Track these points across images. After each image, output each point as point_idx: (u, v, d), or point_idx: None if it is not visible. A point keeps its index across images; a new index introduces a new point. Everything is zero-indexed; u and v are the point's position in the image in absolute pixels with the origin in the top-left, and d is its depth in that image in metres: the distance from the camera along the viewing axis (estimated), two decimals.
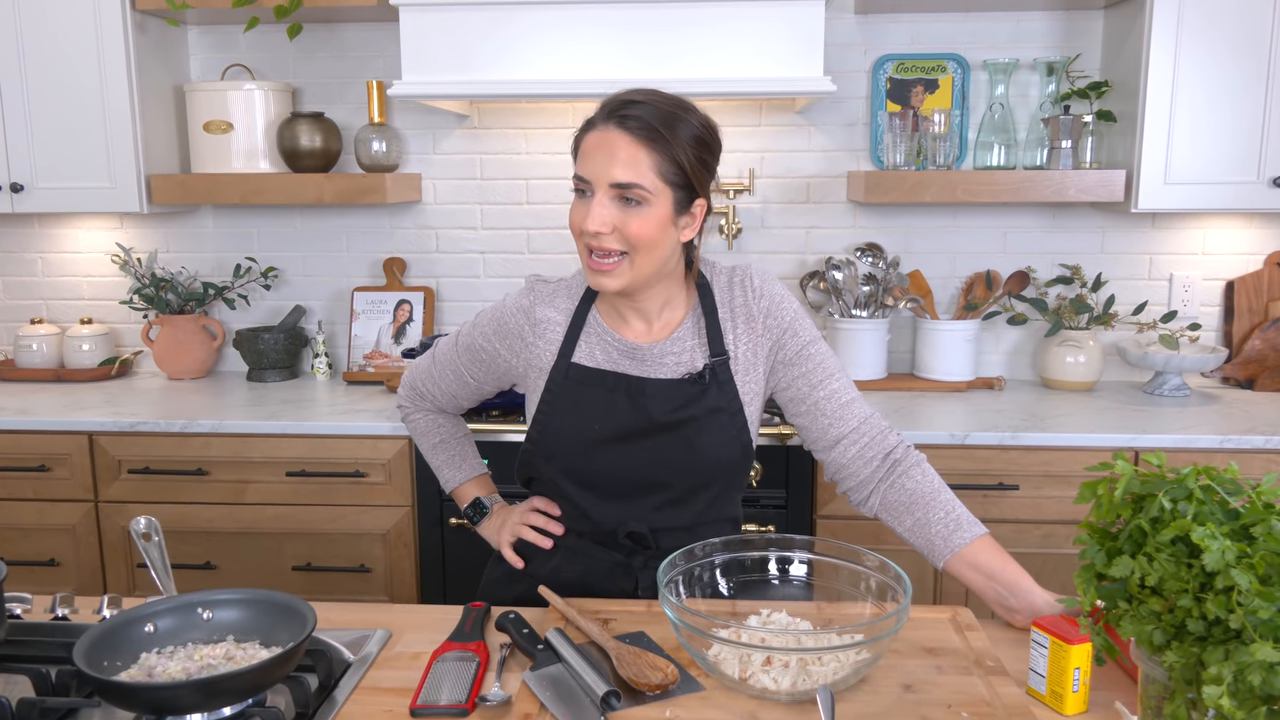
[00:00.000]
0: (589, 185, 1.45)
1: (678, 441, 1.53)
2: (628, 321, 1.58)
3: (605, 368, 1.56)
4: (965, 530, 1.47)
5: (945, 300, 3.06)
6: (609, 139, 1.44)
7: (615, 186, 1.43)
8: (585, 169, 1.45)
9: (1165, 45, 2.58)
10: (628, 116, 1.44)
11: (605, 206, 1.44)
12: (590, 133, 1.47)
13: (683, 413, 1.53)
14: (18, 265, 3.25)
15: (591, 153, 1.45)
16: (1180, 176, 2.63)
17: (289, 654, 1.19)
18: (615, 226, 1.44)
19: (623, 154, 1.42)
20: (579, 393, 1.56)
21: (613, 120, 1.44)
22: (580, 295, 1.60)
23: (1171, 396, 2.82)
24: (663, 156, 1.43)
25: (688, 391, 1.54)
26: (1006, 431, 2.47)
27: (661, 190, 1.45)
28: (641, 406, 1.53)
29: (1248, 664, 0.90)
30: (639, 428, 1.53)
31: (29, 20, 2.75)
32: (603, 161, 1.43)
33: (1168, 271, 3.00)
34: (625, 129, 1.43)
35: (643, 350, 1.56)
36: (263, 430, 2.60)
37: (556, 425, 1.56)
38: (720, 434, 1.54)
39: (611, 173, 1.43)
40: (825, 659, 1.24)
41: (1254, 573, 0.92)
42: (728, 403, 1.55)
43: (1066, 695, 1.22)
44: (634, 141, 1.43)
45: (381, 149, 2.95)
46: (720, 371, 1.55)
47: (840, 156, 3.03)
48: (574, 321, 1.58)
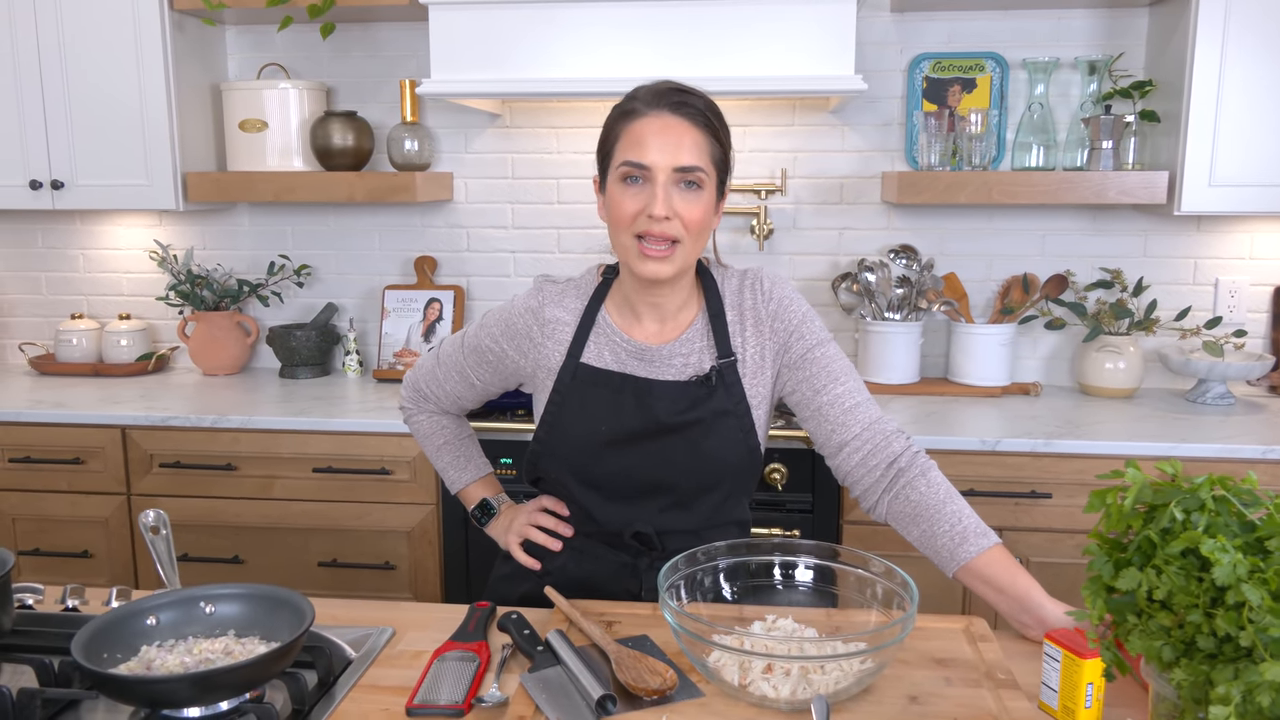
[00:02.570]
0: (647, 171, 1.44)
1: (684, 444, 1.51)
2: (640, 322, 1.56)
3: (613, 369, 1.55)
4: (972, 543, 1.43)
5: (981, 304, 3.00)
6: (670, 125, 1.44)
7: (679, 171, 1.44)
8: (644, 155, 1.44)
9: (1211, 43, 2.50)
10: (683, 104, 1.46)
11: (668, 192, 1.44)
12: (641, 119, 1.46)
13: (690, 415, 1.51)
14: (60, 261, 3.31)
15: (651, 139, 1.44)
16: (1225, 178, 2.55)
17: (284, 649, 1.18)
18: (676, 212, 1.44)
19: (686, 139, 1.44)
20: (587, 393, 1.54)
21: (667, 107, 1.46)
22: (590, 295, 1.59)
23: (1215, 405, 2.74)
24: (712, 139, 1.48)
25: (695, 393, 1.52)
26: (1040, 438, 2.41)
27: (712, 175, 1.48)
28: (648, 408, 1.51)
29: (1257, 684, 0.85)
30: (646, 429, 1.51)
31: (70, 21, 2.80)
32: (666, 147, 1.44)
33: (1213, 276, 2.92)
34: (683, 115, 1.45)
35: (651, 351, 1.54)
36: (291, 426, 2.62)
37: (564, 426, 1.55)
38: (727, 436, 1.52)
39: (678, 157, 1.43)
40: (828, 668, 1.21)
41: (1267, 588, 0.88)
42: (735, 405, 1.52)
43: (1078, 711, 1.18)
44: (693, 127, 1.46)
45: (414, 148, 2.96)
46: (728, 374, 1.53)
47: (874, 157, 2.98)
48: (583, 322, 1.57)
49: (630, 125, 1.46)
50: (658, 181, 1.44)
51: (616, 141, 1.48)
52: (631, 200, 1.46)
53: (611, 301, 1.59)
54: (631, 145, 1.45)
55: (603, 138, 1.51)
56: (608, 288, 1.60)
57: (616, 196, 1.47)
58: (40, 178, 2.89)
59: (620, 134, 1.47)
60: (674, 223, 1.44)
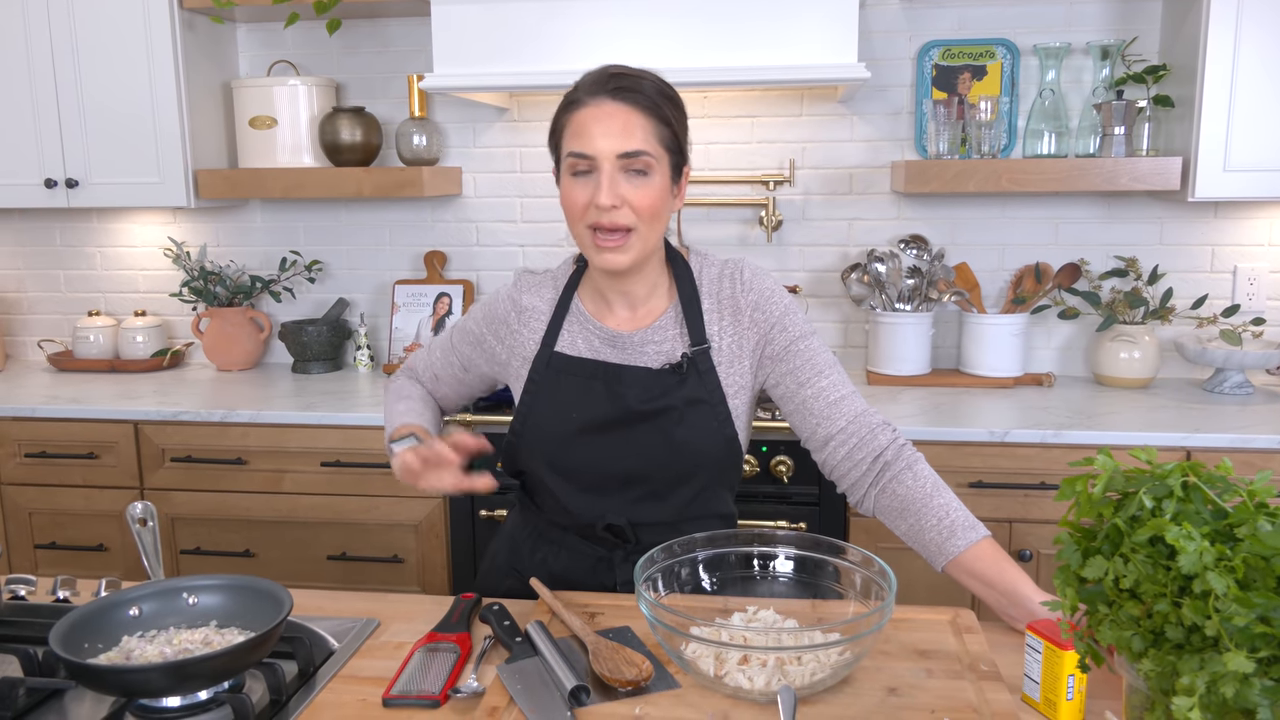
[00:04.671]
0: (591, 161, 1.43)
1: (656, 432, 1.50)
2: (612, 309, 1.56)
3: (586, 356, 1.55)
4: (960, 536, 1.40)
5: (993, 294, 2.96)
6: (611, 112, 1.43)
7: (623, 158, 1.42)
8: (586, 145, 1.43)
9: (1225, 26, 2.45)
10: (624, 89, 1.44)
11: (614, 180, 1.42)
12: (583, 109, 1.44)
13: (660, 402, 1.50)
14: (78, 259, 3.35)
15: (590, 126, 1.43)
16: (1240, 163, 2.50)
17: (259, 640, 1.19)
18: (624, 200, 1.43)
19: (626, 124, 1.42)
20: (559, 382, 1.54)
21: (608, 94, 1.44)
22: (564, 284, 1.59)
23: (1233, 395, 2.68)
24: (659, 121, 1.45)
25: (666, 381, 1.51)
26: (1050, 429, 2.38)
27: (661, 157, 1.45)
28: (619, 395, 1.51)
29: (1221, 674, 0.83)
30: (617, 417, 1.51)
31: (82, 21, 2.83)
32: (607, 134, 1.42)
33: (1231, 264, 2.86)
34: (624, 100, 1.43)
35: (624, 338, 1.53)
36: (299, 421, 2.64)
37: (537, 415, 1.55)
38: (700, 426, 1.50)
39: (622, 144, 1.42)
40: (804, 659, 1.19)
41: (1233, 576, 0.85)
42: (709, 394, 1.51)
43: (1060, 703, 1.16)
44: (633, 110, 1.43)
45: (422, 143, 2.96)
46: (701, 361, 1.51)
47: (884, 146, 2.95)
48: (557, 310, 1.57)
49: (573, 115, 1.45)
50: (603, 170, 1.42)
51: (562, 133, 1.47)
52: (580, 191, 1.45)
53: (584, 290, 1.59)
54: (574, 135, 1.44)
55: (551, 130, 1.50)
56: (580, 277, 1.60)
57: (567, 188, 1.47)
58: (55, 176, 2.92)
59: (565, 125, 1.46)
60: (623, 210, 1.43)
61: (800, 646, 1.19)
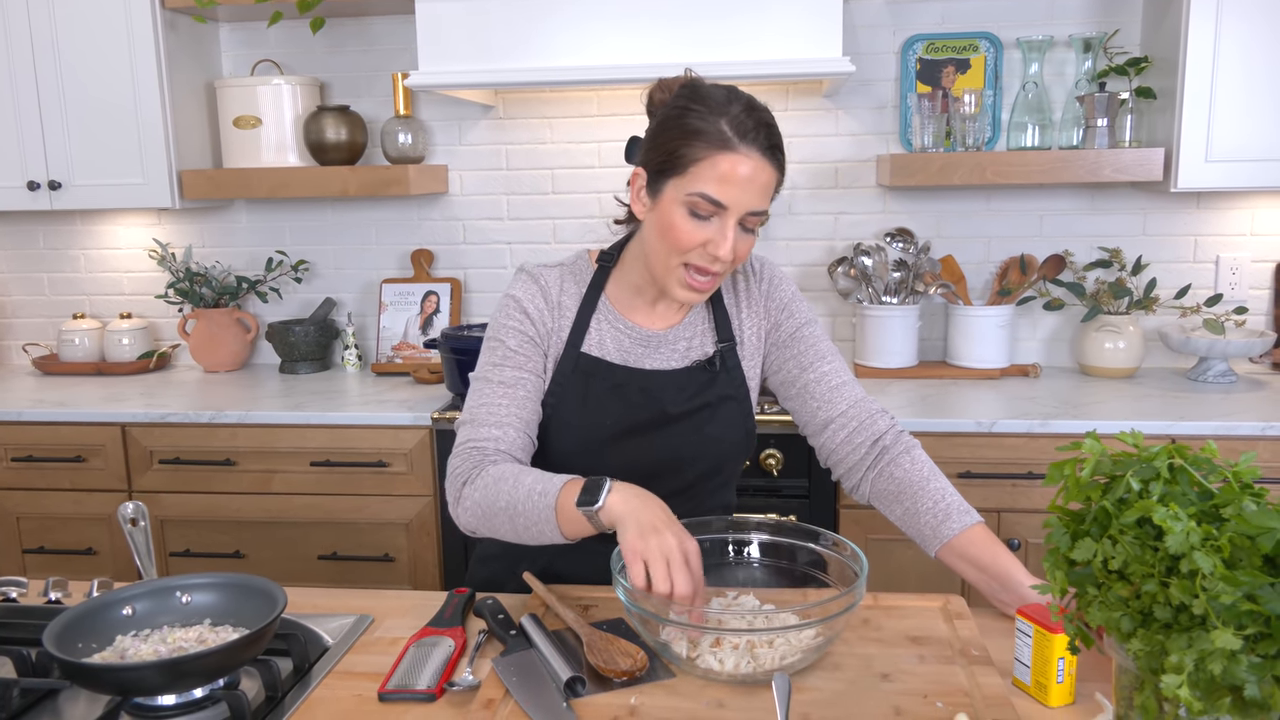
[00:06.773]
0: (722, 210, 1.36)
1: (689, 430, 1.51)
2: (642, 308, 1.55)
3: (615, 359, 1.52)
4: (955, 520, 1.42)
5: (979, 286, 2.98)
6: (759, 167, 1.36)
7: (752, 215, 1.38)
8: (725, 195, 1.35)
9: (1206, 17, 2.48)
10: (775, 147, 1.38)
11: (736, 232, 1.38)
12: (733, 155, 1.34)
13: (695, 401, 1.51)
14: (61, 261, 3.34)
15: (739, 177, 1.34)
16: (1222, 154, 2.52)
17: (253, 637, 1.19)
18: (736, 252, 1.40)
19: (767, 185, 1.38)
20: (588, 385, 1.51)
21: (762, 149, 1.36)
22: (588, 282, 1.55)
23: (1216, 383, 2.71)
24: (781, 178, 1.42)
25: (699, 379, 1.52)
26: (1036, 419, 2.40)
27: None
28: (655, 399, 1.51)
29: (1209, 652, 0.84)
30: (651, 420, 1.51)
31: (63, 21, 2.82)
32: (748, 190, 1.36)
33: (1214, 253, 2.89)
34: (770, 158, 1.37)
35: (656, 337, 1.53)
36: (288, 421, 2.63)
37: (563, 418, 1.51)
38: (729, 420, 1.53)
39: (756, 202, 1.37)
40: (776, 642, 1.21)
41: (1219, 555, 0.87)
42: (736, 389, 1.54)
43: (1051, 686, 1.17)
44: (775, 170, 1.39)
45: (407, 141, 2.96)
46: (729, 358, 1.54)
47: (869, 140, 2.96)
48: (583, 308, 1.53)
49: (720, 156, 1.34)
50: (728, 222, 1.37)
51: (696, 163, 1.35)
52: (698, 232, 1.37)
53: (613, 288, 1.55)
54: (716, 179, 1.34)
55: (674, 143, 1.37)
56: (605, 275, 1.56)
57: (677, 221, 1.38)
58: (38, 178, 2.91)
59: (703, 158, 1.35)
60: (729, 260, 1.40)
61: (776, 628, 1.22)
